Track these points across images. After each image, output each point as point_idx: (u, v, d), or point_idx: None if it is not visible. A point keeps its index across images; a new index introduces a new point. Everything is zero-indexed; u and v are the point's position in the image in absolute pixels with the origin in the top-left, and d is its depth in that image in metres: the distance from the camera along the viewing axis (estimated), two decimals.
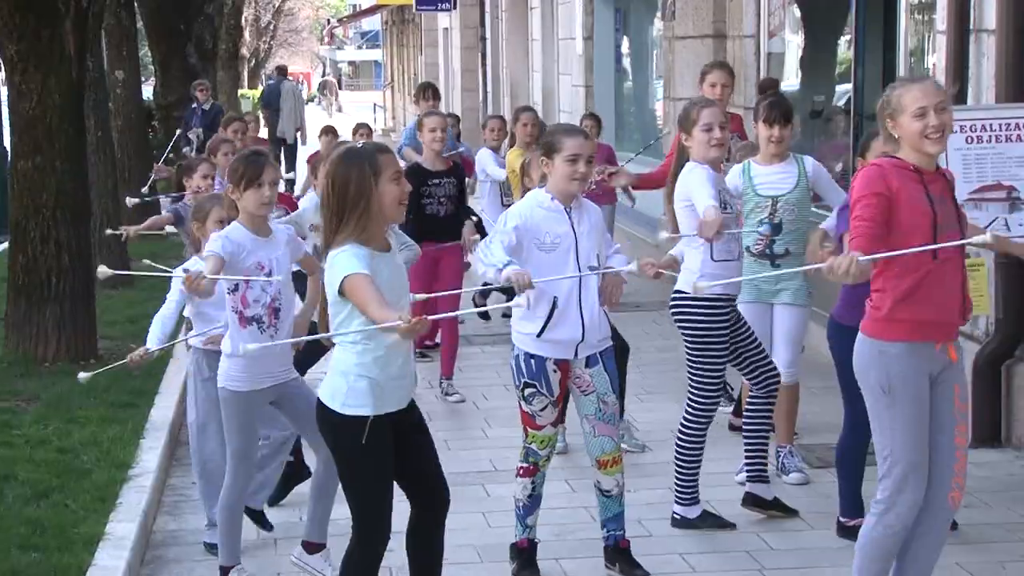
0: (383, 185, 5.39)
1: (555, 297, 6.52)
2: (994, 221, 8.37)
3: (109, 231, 10.67)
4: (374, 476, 5.60)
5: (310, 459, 7.32)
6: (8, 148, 12.60)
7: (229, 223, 6.71)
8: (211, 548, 7.24)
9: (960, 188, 8.00)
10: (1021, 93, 8.99)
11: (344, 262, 5.36)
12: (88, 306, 11.46)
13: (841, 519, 7.43)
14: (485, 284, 9.89)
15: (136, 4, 21.74)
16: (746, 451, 7.84)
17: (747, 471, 7.84)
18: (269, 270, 6.45)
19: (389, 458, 5.60)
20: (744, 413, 7.93)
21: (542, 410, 6.71)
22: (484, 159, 12.93)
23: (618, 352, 7.39)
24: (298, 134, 29.78)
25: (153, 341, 7.15)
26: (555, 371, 6.66)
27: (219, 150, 10.44)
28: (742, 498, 7.78)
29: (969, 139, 8.50)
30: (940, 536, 6.06)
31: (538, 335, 6.61)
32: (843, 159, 11.89)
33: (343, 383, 5.53)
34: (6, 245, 13.06)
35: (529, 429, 6.78)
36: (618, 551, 6.89)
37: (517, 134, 12.17)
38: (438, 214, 10.39)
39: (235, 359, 6.49)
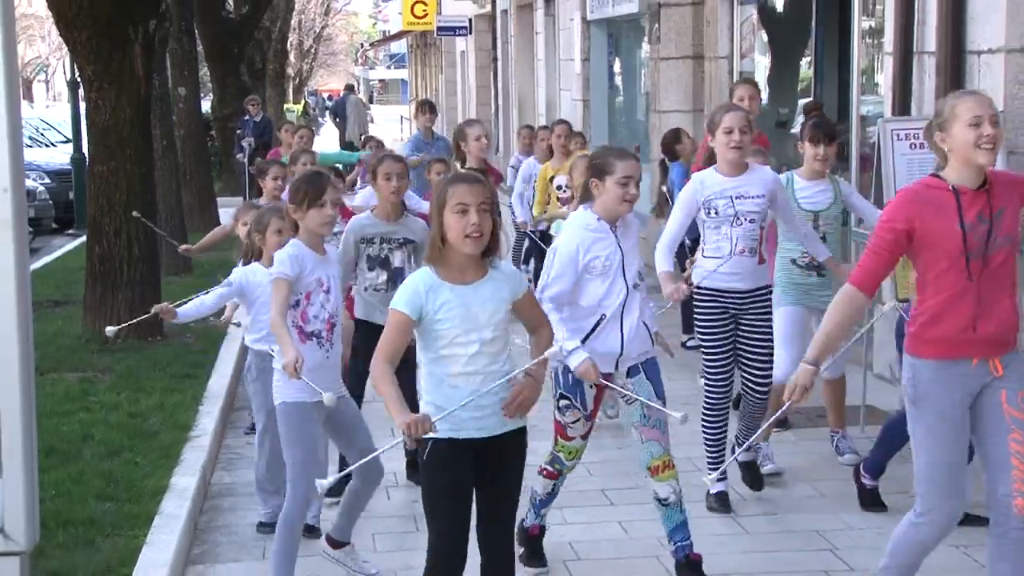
0: (447, 216, 4.74)
1: (604, 313, 5.94)
2: None
3: (180, 247, 10.36)
4: (438, 495, 4.92)
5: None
6: (87, 154, 12.61)
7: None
8: (262, 527, 6.99)
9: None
10: None
11: (403, 287, 4.88)
12: (154, 291, 11.45)
13: (862, 473, 7.20)
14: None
15: (196, 31, 21.75)
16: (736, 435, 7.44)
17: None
18: (328, 287, 5.95)
19: (459, 482, 4.89)
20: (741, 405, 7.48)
21: (574, 423, 6.12)
22: (524, 169, 12.24)
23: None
24: (363, 138, 29.86)
25: (183, 308, 6.90)
26: (591, 387, 6.03)
27: (299, 160, 9.81)
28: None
29: (912, 145, 8.52)
30: (1015, 547, 5.15)
31: (581, 344, 5.93)
32: (833, 149, 11.83)
33: (420, 404, 4.95)
34: (84, 238, 13.07)
35: (559, 439, 6.20)
36: (689, 566, 6.03)
37: (553, 144, 11.58)
38: None
39: (307, 370, 5.79)
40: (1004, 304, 5.08)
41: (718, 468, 7.15)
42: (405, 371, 5.61)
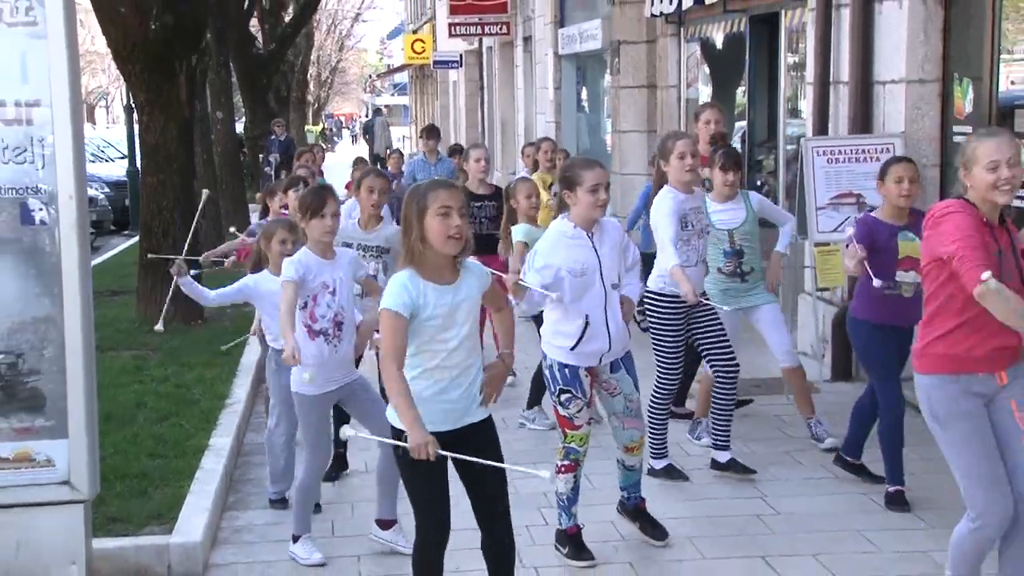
0: (429, 219, 4.40)
1: (587, 315, 5.60)
2: (847, 219, 8.39)
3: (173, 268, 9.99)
4: (417, 479, 4.54)
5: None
6: (139, 168, 12.62)
7: (293, 244, 6.21)
8: (274, 503, 6.75)
9: (822, 196, 8.05)
10: (865, 128, 9.02)
11: (389, 290, 4.47)
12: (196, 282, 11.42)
13: (889, 489, 6.52)
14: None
15: (232, 64, 21.69)
16: (713, 425, 7.10)
17: (713, 442, 7.12)
18: (333, 288, 5.73)
19: (433, 469, 4.43)
20: (712, 396, 7.10)
21: (578, 412, 5.73)
22: None
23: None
24: (388, 151, 29.74)
25: (192, 286, 6.66)
26: (586, 376, 5.73)
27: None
28: (709, 462, 7.13)
29: (829, 160, 8.55)
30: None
31: (571, 348, 5.66)
32: (738, 175, 11.82)
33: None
34: (137, 238, 13.04)
35: (567, 431, 5.78)
36: (638, 512, 6.09)
37: (539, 159, 11.16)
38: (479, 232, 8.58)
39: (301, 367, 5.73)
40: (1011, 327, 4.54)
41: (662, 452, 7.05)
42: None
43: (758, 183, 11.94)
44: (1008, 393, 4.68)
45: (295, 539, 6.00)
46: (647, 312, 6.97)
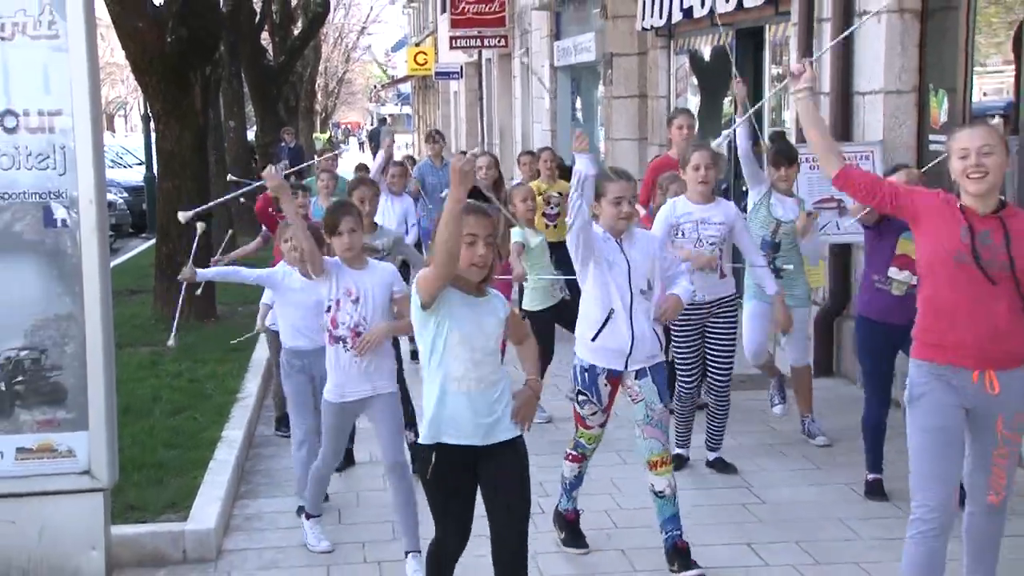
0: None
1: (611, 309, 5.38)
2: (828, 223, 8.39)
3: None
4: (438, 495, 4.33)
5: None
6: (156, 174, 12.61)
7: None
8: (300, 511, 6.48)
9: (805, 201, 8.02)
10: (845, 135, 9.02)
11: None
12: (209, 283, 11.39)
13: (868, 477, 6.52)
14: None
15: (243, 76, 21.67)
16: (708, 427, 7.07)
17: (706, 441, 7.09)
18: (357, 297, 5.43)
19: (458, 483, 4.30)
20: (708, 400, 7.07)
21: (591, 415, 5.56)
22: None
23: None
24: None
25: (204, 270, 6.63)
26: (606, 384, 5.47)
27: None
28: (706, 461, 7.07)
29: (811, 167, 8.53)
30: (989, 537, 4.62)
31: (592, 339, 5.43)
32: (726, 182, 11.85)
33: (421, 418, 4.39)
34: (154, 241, 13.04)
35: (580, 427, 5.66)
36: (676, 552, 5.48)
37: (541, 167, 10.69)
38: None
39: (334, 373, 5.53)
40: (1000, 317, 4.31)
41: (685, 441, 7.05)
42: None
43: (744, 189, 11.93)
44: (998, 407, 4.40)
45: (307, 516, 6.00)
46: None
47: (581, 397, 5.56)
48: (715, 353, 6.87)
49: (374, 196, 7.06)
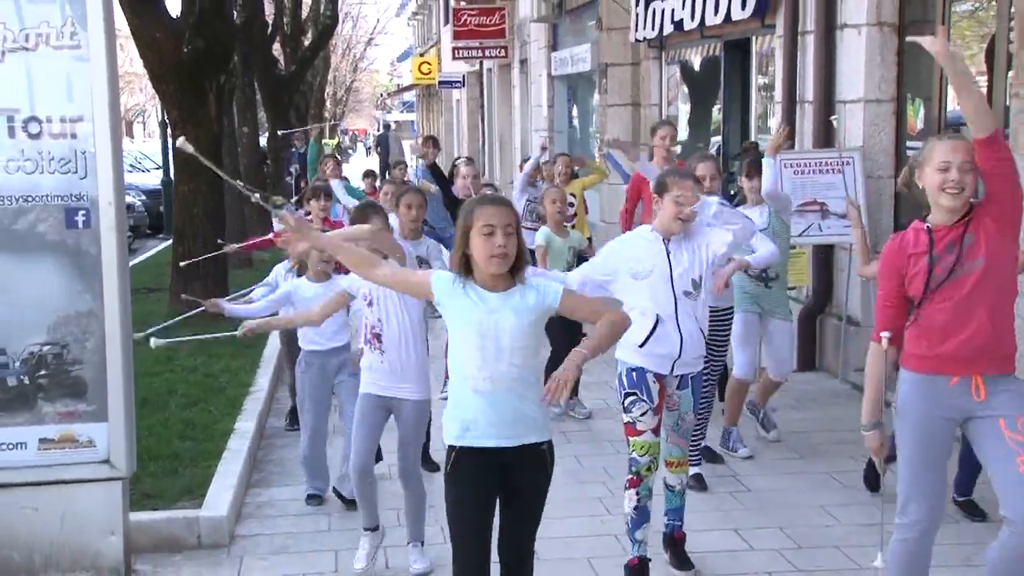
0: (474, 238, 3.83)
1: (658, 315, 4.99)
2: (810, 226, 8.39)
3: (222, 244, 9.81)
4: (453, 501, 3.94)
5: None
6: (172, 178, 12.60)
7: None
8: (310, 499, 6.42)
9: (793, 204, 8.02)
10: (827, 143, 9.03)
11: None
12: (223, 281, 11.38)
13: (865, 466, 6.39)
14: None
15: (256, 84, 21.65)
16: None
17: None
18: (371, 300, 5.23)
19: (474, 489, 3.90)
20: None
21: (642, 415, 5.02)
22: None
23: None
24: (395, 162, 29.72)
25: (233, 306, 6.45)
26: (654, 382, 5.04)
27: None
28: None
29: (796, 172, 8.54)
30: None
31: (640, 345, 5.01)
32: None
33: (444, 418, 4.00)
34: (171, 241, 13.03)
35: (630, 438, 5.09)
36: (672, 540, 5.43)
37: (555, 172, 10.48)
38: None
39: (367, 372, 5.33)
40: (979, 321, 4.04)
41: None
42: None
43: (731, 192, 11.93)
44: (991, 411, 4.07)
45: (368, 531, 5.56)
46: None
47: (629, 399, 5.08)
48: (711, 350, 6.61)
49: (422, 203, 6.62)
